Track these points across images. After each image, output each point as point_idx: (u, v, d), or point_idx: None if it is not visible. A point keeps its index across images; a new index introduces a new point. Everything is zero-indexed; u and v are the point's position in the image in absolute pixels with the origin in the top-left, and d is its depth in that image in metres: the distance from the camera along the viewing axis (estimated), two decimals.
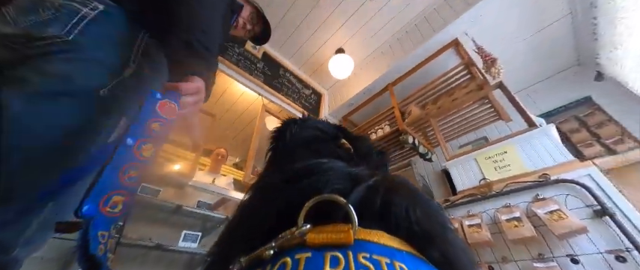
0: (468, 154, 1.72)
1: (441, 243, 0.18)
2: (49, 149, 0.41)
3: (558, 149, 1.35)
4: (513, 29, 2.05)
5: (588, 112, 2.06)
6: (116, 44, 0.52)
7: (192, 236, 1.21)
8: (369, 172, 0.22)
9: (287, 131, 0.42)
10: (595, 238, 1.08)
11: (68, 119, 0.43)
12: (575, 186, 1.19)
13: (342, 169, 0.22)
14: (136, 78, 0.54)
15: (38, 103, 0.41)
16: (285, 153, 0.39)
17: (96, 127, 0.48)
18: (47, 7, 0.45)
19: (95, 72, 0.48)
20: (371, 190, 0.19)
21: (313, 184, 0.20)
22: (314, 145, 0.39)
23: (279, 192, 0.22)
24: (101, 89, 0.47)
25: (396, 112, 2.31)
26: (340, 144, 0.40)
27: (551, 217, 1.16)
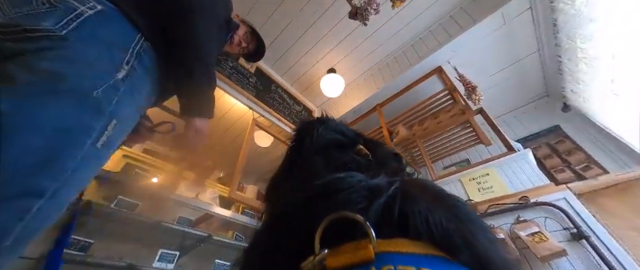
0: (453, 175, 1.78)
1: (469, 244, 0.17)
2: (37, 151, 0.38)
3: (535, 173, 1.43)
4: (490, 61, 2.24)
5: (558, 140, 2.23)
6: (111, 45, 0.50)
7: (170, 256, 1.11)
8: (388, 180, 0.22)
9: (310, 133, 0.40)
10: (574, 260, 1.12)
11: (59, 121, 0.41)
12: (552, 209, 1.25)
13: (362, 184, 0.22)
14: (128, 81, 0.52)
15: (27, 104, 0.38)
16: (305, 159, 0.38)
17: (87, 129, 0.45)
18: (42, 2, 0.44)
19: (88, 72, 0.46)
20: (389, 201, 0.19)
21: (333, 206, 0.19)
22: (335, 151, 0.39)
23: (300, 221, 0.21)
24: (95, 90, 0.45)
25: (384, 131, 2.37)
26: (358, 150, 0.40)
27: (533, 239, 1.20)
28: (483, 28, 1.89)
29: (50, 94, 0.40)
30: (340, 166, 0.31)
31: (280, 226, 0.23)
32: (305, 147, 0.39)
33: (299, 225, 0.20)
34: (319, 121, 0.44)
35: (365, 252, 0.15)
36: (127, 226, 0.67)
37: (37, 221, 0.39)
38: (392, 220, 0.18)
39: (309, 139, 0.40)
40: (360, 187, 0.21)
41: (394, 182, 0.21)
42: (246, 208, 1.83)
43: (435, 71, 2.26)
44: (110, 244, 0.96)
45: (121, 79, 0.50)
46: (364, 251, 0.15)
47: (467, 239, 0.17)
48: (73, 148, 0.42)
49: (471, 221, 0.20)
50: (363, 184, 0.21)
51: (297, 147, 0.42)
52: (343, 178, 0.23)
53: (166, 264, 1.10)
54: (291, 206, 0.24)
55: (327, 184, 0.23)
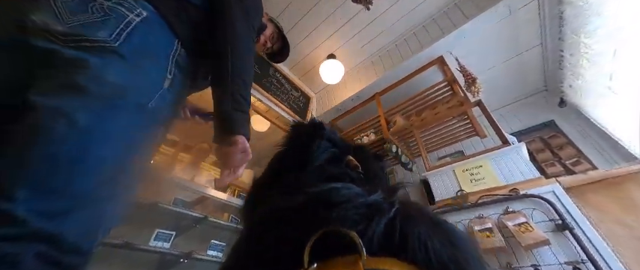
0: (447, 166, 1.81)
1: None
2: (111, 163, 0.40)
3: (527, 166, 1.46)
4: (492, 52, 2.21)
5: (552, 134, 2.26)
6: (157, 54, 0.51)
7: (166, 235, 1.13)
8: (387, 200, 0.21)
9: (303, 141, 0.39)
10: (556, 250, 1.17)
11: (127, 133, 0.43)
12: (540, 201, 1.29)
13: (360, 200, 0.21)
14: (172, 89, 0.54)
15: (101, 116, 0.40)
16: (296, 166, 0.36)
17: (147, 140, 0.48)
18: (97, 9, 0.44)
19: (143, 83, 0.47)
20: (389, 222, 0.19)
21: (329, 218, 0.19)
22: (326, 161, 0.37)
23: (292, 227, 0.20)
24: (149, 102, 0.47)
25: (381, 120, 2.37)
26: (347, 161, 0.39)
27: (519, 228, 1.25)
28: (488, 17, 1.84)
29: (120, 107, 0.42)
30: (332, 178, 0.30)
31: (267, 231, 0.22)
32: (298, 155, 0.37)
33: (288, 233, 0.19)
34: (314, 128, 0.42)
35: (354, 268, 0.15)
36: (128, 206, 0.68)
37: (111, 222, 0.42)
38: (391, 242, 0.18)
39: (303, 148, 0.38)
40: (358, 203, 0.20)
41: (394, 203, 0.21)
42: (241, 192, 1.85)
43: (436, 61, 2.23)
44: (127, 228, 0.96)
45: (167, 88, 0.52)
46: (353, 267, 0.15)
47: (461, 267, 0.17)
48: (136, 156, 0.46)
49: (466, 250, 0.20)
50: (361, 200, 0.21)
51: (288, 153, 0.41)
52: (340, 189, 0.22)
53: (163, 243, 1.11)
54: (281, 211, 0.23)
55: (323, 193, 0.22)
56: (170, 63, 0.53)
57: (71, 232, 0.34)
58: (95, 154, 0.38)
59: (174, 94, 0.55)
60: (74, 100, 0.38)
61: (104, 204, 0.39)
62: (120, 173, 0.42)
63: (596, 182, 1.22)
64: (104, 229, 0.40)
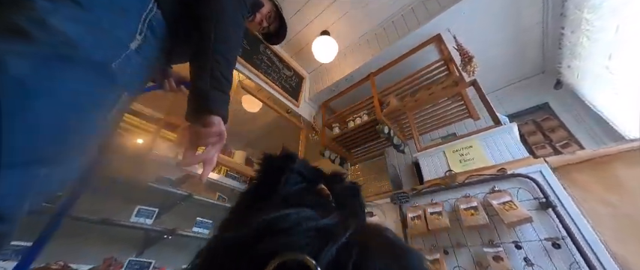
0: (437, 147, 1.80)
1: None
2: (52, 121, 0.35)
3: (517, 146, 1.45)
4: (491, 31, 2.13)
5: (544, 117, 2.25)
6: (125, 11, 0.46)
7: (148, 212, 1.11)
8: (342, 224, 0.20)
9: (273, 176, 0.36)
10: (537, 227, 1.19)
11: (75, 91, 0.38)
12: (527, 180, 1.30)
13: (311, 223, 0.20)
14: (141, 52, 0.48)
15: (46, 67, 0.35)
16: (260, 198, 0.36)
17: (101, 101, 0.43)
18: None
19: (105, 41, 0.42)
20: (343, 250, 0.18)
21: (277, 244, 0.18)
22: (294, 192, 0.36)
23: (240, 255, 0.19)
24: (112, 62, 0.42)
25: (375, 101, 2.32)
26: (319, 190, 0.38)
27: (503, 207, 1.26)
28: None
29: (68, 60, 0.37)
30: (292, 207, 0.27)
31: (213, 265, 0.22)
32: (265, 189, 0.36)
33: (235, 266, 0.19)
34: (283, 160, 0.39)
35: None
36: (103, 182, 0.64)
37: (45, 188, 0.37)
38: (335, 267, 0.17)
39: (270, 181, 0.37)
40: (307, 226, 0.19)
41: (348, 227, 0.20)
42: (230, 171, 1.83)
43: (434, 39, 2.14)
44: (85, 199, 0.93)
45: (135, 50, 0.47)
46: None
47: None
48: (85, 119, 0.40)
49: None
50: (310, 223, 0.20)
51: (257, 186, 0.39)
52: (289, 214, 0.21)
53: (145, 219, 1.10)
54: (227, 242, 0.22)
55: (271, 220, 0.21)
56: (141, 22, 0.48)
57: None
58: (28, 110, 0.33)
59: (145, 59, 0.49)
60: (12, 44, 0.33)
61: (34, 169, 0.34)
62: (62, 137, 0.37)
63: (584, 162, 1.22)
64: (35, 196, 0.36)
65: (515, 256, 1.19)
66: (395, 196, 1.80)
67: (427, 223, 1.47)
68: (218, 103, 0.52)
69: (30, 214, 0.36)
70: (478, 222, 1.29)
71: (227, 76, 0.56)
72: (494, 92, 2.68)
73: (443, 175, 1.65)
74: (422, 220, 1.52)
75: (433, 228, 1.43)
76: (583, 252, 1.02)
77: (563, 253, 1.09)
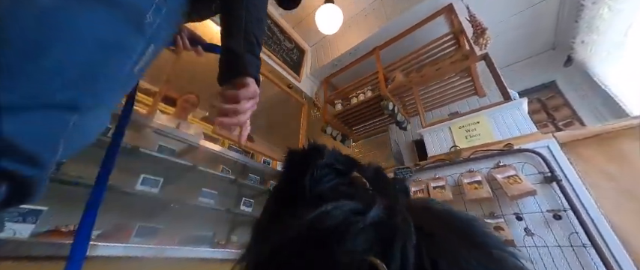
0: (443, 123, 1.78)
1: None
2: (78, 63, 0.32)
3: (525, 121, 1.44)
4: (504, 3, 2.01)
5: (550, 95, 2.23)
6: None
7: (153, 181, 1.09)
8: (394, 212, 0.18)
9: (301, 172, 0.32)
10: (540, 199, 1.22)
11: (105, 35, 0.35)
12: (533, 155, 1.30)
13: (361, 218, 0.18)
14: (169, 3, 0.44)
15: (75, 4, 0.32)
16: (289, 201, 0.32)
17: (130, 50, 0.40)
18: None
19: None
20: (412, 246, 0.16)
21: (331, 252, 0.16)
22: (328, 189, 0.32)
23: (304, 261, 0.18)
24: (145, 12, 0.40)
25: (380, 76, 2.25)
26: (353, 178, 0.35)
27: (507, 181, 1.27)
28: None
29: (102, 1, 0.34)
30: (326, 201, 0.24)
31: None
32: (292, 190, 0.33)
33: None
34: (312, 156, 0.34)
35: None
36: (101, 150, 0.60)
37: (74, 140, 0.35)
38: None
39: (296, 182, 0.33)
40: (361, 225, 0.17)
41: (405, 218, 0.17)
42: (232, 144, 1.80)
43: (445, 10, 2.02)
44: (84, 166, 0.90)
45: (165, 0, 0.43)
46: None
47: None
48: (113, 67, 0.38)
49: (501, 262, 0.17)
50: (361, 218, 0.17)
51: (285, 189, 0.35)
52: (329, 211, 0.19)
53: (151, 188, 1.08)
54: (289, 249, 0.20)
55: (311, 222, 0.18)
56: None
57: (25, 134, 0.28)
58: (57, 44, 0.30)
59: (171, 10, 0.45)
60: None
61: (64, 112, 0.32)
62: (91, 80, 0.35)
63: (591, 137, 1.22)
64: (66, 143, 0.33)
65: (516, 226, 1.23)
66: (398, 171, 1.81)
67: (429, 196, 1.50)
68: (251, 64, 0.50)
69: (59, 165, 0.33)
70: (481, 195, 1.31)
71: (259, 39, 0.53)
72: (501, 69, 2.62)
73: (447, 151, 1.65)
74: (424, 194, 1.55)
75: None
76: (583, 223, 1.05)
77: (563, 224, 1.12)
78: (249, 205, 1.57)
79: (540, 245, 1.14)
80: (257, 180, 1.73)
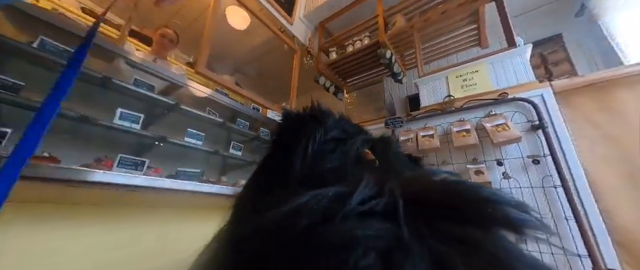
0: (440, 72, 1.71)
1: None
2: None
3: (525, 70, 1.39)
4: None
5: (553, 49, 2.14)
6: None
7: (132, 116, 1.03)
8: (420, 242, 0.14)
9: (298, 139, 0.27)
10: (523, 146, 1.26)
11: None
12: (525, 104, 1.29)
13: (380, 235, 0.14)
14: None
15: None
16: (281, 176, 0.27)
17: None
18: None
19: None
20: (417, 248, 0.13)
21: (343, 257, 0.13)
22: (336, 162, 0.27)
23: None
24: None
25: (379, 20, 2.06)
26: (363, 154, 0.29)
27: (495, 129, 1.29)
28: None
29: None
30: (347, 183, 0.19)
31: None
32: (292, 162, 0.27)
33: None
34: (309, 125, 0.28)
35: None
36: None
37: None
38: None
39: (298, 151, 0.27)
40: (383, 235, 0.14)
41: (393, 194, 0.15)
42: (219, 88, 1.70)
43: None
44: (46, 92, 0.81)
45: None
46: None
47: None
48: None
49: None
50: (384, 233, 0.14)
51: (273, 165, 0.30)
52: (304, 203, 0.16)
53: (131, 124, 1.02)
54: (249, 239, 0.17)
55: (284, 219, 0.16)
56: None
57: None
58: None
59: None
60: None
61: None
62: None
63: (586, 86, 1.20)
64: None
65: (495, 171, 1.29)
66: (389, 120, 1.81)
67: (418, 145, 1.52)
68: None
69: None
70: (467, 142, 1.34)
71: None
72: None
73: (441, 101, 1.63)
74: (413, 142, 1.57)
75: (423, 149, 1.49)
76: (559, 166, 1.11)
77: (539, 168, 1.18)
78: (239, 149, 1.57)
79: (514, 187, 1.22)
80: (246, 125, 1.69)
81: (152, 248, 1.17)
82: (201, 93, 1.43)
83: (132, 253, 1.09)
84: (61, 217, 0.89)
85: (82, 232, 0.93)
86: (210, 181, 1.27)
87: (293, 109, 1.19)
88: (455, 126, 1.45)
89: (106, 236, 1.00)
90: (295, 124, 0.31)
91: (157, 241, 1.17)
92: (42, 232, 0.83)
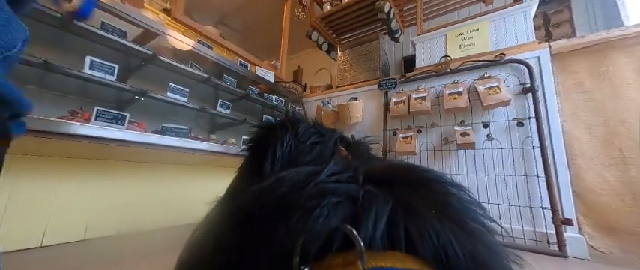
0: (440, 30, 1.62)
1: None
2: None
3: (526, 29, 1.34)
4: None
5: (558, 9, 2.04)
6: None
7: (105, 66, 0.93)
8: (379, 191, 0.17)
9: (275, 145, 0.29)
10: (510, 109, 1.28)
11: None
12: (520, 66, 1.27)
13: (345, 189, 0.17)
14: None
15: None
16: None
17: None
18: None
19: None
20: (392, 220, 0.15)
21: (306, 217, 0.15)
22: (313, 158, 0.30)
23: (270, 228, 0.17)
24: None
25: None
26: (338, 151, 0.32)
27: (487, 91, 1.28)
28: None
29: None
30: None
31: (248, 230, 0.18)
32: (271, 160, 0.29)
33: (272, 242, 0.16)
34: (282, 128, 0.31)
35: (353, 269, 0.13)
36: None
37: None
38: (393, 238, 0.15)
39: (279, 150, 0.29)
40: (343, 192, 0.17)
41: (387, 191, 0.17)
42: (202, 39, 1.55)
43: None
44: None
45: None
46: (352, 268, 0.13)
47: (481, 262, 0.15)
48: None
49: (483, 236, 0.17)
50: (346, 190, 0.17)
51: (254, 160, 0.31)
52: (324, 184, 0.18)
53: (105, 74, 0.94)
54: (257, 217, 0.19)
55: (299, 189, 0.18)
56: None
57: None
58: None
59: None
60: None
61: None
62: None
63: (583, 48, 1.18)
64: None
65: (481, 132, 1.33)
66: (383, 82, 1.76)
67: (409, 107, 1.52)
68: None
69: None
70: (458, 104, 1.34)
71: None
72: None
73: (437, 62, 1.57)
74: (405, 104, 1.56)
75: (414, 111, 1.49)
76: (540, 129, 1.15)
77: (522, 130, 1.23)
78: (227, 107, 1.51)
79: (496, 148, 1.28)
80: (234, 82, 1.61)
81: (145, 201, 1.20)
82: (183, 44, 1.30)
83: (125, 204, 1.11)
84: (49, 170, 0.87)
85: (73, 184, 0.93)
86: (198, 139, 1.25)
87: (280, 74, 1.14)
88: (448, 88, 1.44)
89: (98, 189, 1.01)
90: (266, 132, 0.33)
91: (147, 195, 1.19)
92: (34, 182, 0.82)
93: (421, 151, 1.50)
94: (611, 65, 1.13)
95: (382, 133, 1.66)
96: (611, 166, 1.08)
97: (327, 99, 2.09)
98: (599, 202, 1.09)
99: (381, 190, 0.17)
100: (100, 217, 1.02)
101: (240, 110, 1.71)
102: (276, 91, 2.00)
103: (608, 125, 1.10)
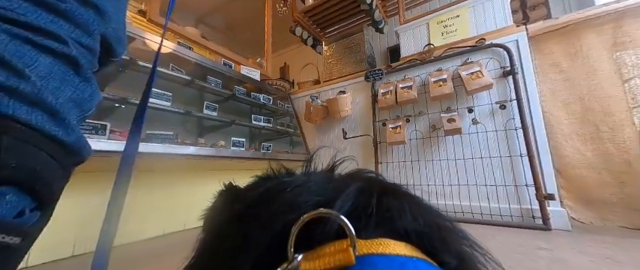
0: (421, 18, 1.63)
1: (456, 248, 0.16)
2: None
3: (504, 13, 1.37)
4: None
5: None
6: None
7: None
8: (351, 180, 0.19)
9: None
10: (493, 92, 1.32)
11: None
12: (500, 50, 1.31)
13: (322, 180, 0.20)
14: None
15: None
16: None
17: None
18: None
19: None
20: (362, 194, 0.17)
21: (288, 203, 0.17)
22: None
23: (253, 224, 0.18)
24: None
25: None
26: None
27: (470, 77, 1.31)
28: None
29: None
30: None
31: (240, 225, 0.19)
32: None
33: (256, 237, 0.17)
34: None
35: (345, 255, 0.13)
36: None
37: None
38: (371, 216, 0.16)
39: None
40: (319, 181, 0.19)
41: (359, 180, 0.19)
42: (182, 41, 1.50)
43: None
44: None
45: None
46: (344, 254, 0.13)
47: (454, 243, 0.16)
48: None
49: (452, 225, 0.18)
50: (322, 180, 0.19)
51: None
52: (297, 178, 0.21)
53: None
54: (237, 216, 0.21)
55: (277, 185, 0.20)
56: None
57: None
58: None
59: None
60: None
61: None
62: None
63: (558, 29, 1.22)
64: None
65: (466, 117, 1.37)
66: (369, 73, 1.77)
67: (397, 97, 1.54)
68: None
69: None
70: (443, 92, 1.37)
71: None
72: None
73: (421, 51, 1.59)
74: (392, 94, 1.58)
75: (401, 101, 1.51)
76: (522, 110, 1.19)
77: (505, 113, 1.27)
78: (214, 109, 1.48)
79: (481, 131, 1.32)
80: (219, 83, 1.57)
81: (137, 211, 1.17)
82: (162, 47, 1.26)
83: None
84: None
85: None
86: (185, 143, 1.22)
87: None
88: (433, 76, 1.46)
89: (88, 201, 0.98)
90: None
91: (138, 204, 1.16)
92: None
93: (410, 140, 1.53)
94: (583, 45, 1.17)
95: (372, 125, 1.68)
96: (588, 142, 1.14)
97: (316, 94, 2.09)
98: (578, 176, 1.15)
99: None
100: (88, 232, 0.99)
101: (228, 111, 1.68)
102: (263, 89, 1.97)
103: (583, 102, 1.16)
